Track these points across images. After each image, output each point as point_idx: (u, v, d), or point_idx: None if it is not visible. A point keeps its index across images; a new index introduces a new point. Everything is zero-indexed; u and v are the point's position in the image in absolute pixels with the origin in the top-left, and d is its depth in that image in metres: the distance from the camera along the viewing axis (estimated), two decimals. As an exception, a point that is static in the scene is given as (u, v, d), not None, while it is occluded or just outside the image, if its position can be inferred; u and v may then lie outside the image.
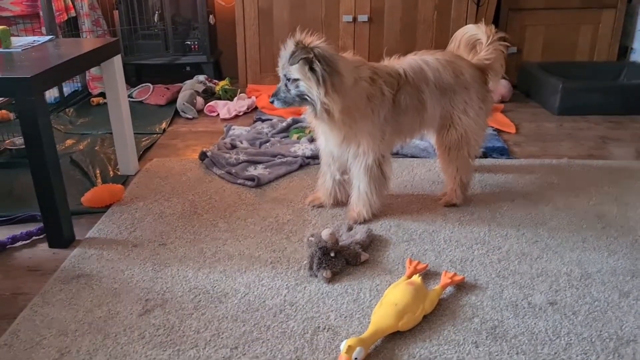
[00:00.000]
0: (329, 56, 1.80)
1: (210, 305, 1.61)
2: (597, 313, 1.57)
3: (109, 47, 2.27)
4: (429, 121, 2.08)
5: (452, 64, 2.06)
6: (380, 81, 1.93)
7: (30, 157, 1.84)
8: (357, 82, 1.87)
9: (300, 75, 1.81)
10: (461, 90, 2.05)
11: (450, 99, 2.05)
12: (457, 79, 2.05)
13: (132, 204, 2.23)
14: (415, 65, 2.03)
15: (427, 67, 2.02)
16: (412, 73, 2.00)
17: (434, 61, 2.04)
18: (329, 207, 2.17)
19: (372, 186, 2.03)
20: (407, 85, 1.99)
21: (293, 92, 1.86)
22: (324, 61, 1.78)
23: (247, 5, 3.65)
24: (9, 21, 3.37)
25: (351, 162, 2.03)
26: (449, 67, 2.04)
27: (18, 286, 1.74)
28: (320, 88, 1.79)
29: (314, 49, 1.79)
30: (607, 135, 2.98)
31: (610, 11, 3.71)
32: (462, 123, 2.07)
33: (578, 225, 2.04)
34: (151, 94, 3.63)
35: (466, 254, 1.87)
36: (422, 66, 2.02)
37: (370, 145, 1.96)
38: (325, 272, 1.71)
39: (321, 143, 2.10)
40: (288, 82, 1.86)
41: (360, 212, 2.06)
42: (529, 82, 3.62)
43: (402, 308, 1.49)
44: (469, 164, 2.17)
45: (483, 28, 2.18)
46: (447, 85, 2.03)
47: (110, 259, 1.85)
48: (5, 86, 1.80)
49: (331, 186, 2.16)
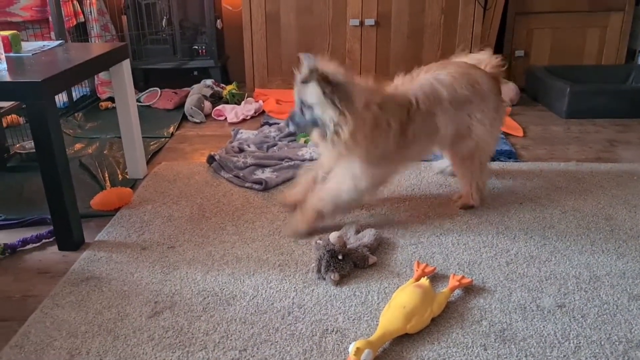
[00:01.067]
0: (344, 83, 1.80)
1: (218, 307, 1.62)
2: (606, 316, 1.57)
3: (117, 52, 2.29)
4: (442, 141, 2.07)
5: (466, 76, 2.03)
6: (387, 113, 1.88)
7: (40, 160, 1.85)
8: (368, 106, 1.84)
9: (315, 99, 1.80)
10: (478, 101, 2.04)
11: (467, 111, 2.03)
12: (473, 89, 2.02)
13: (140, 207, 2.24)
14: (427, 87, 1.98)
15: (440, 87, 1.98)
16: (424, 97, 1.96)
17: (447, 77, 2.00)
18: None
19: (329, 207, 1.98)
20: (418, 113, 1.94)
21: (308, 117, 1.85)
22: (338, 88, 1.78)
23: (254, 9, 3.67)
24: (19, 26, 3.40)
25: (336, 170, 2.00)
26: (463, 79, 2.02)
27: (28, 288, 1.75)
28: (335, 110, 1.79)
29: (328, 75, 1.78)
30: (615, 139, 2.98)
31: (618, 14, 3.70)
32: (478, 133, 2.07)
33: (586, 228, 2.04)
34: (159, 98, 3.65)
35: (474, 256, 1.86)
36: (435, 86, 1.98)
37: (356, 174, 1.93)
38: (333, 274, 1.71)
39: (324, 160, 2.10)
40: (303, 107, 1.85)
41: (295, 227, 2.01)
42: (537, 86, 3.62)
43: (410, 310, 1.49)
44: (485, 168, 2.18)
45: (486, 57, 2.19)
46: (463, 99, 2.01)
47: (120, 262, 1.86)
48: (16, 90, 1.82)
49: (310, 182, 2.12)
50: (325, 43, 3.72)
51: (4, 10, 3.33)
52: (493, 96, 2.08)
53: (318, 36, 3.72)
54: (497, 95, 2.12)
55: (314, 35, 3.72)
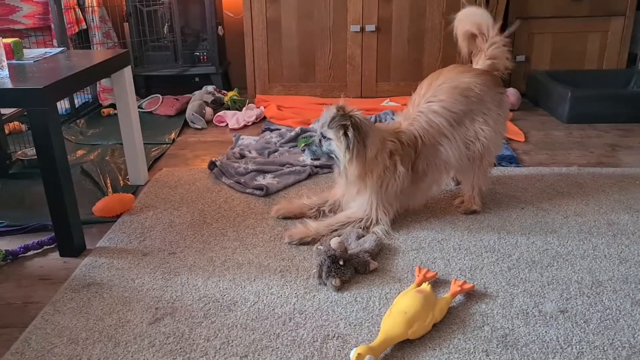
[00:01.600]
0: (363, 127, 1.96)
1: (219, 313, 1.62)
2: (609, 321, 1.56)
3: (119, 59, 2.30)
4: (452, 163, 2.11)
5: (457, 88, 2.06)
6: (396, 157, 2.01)
7: (42, 167, 1.86)
8: (379, 153, 1.99)
9: (334, 137, 1.97)
10: (476, 105, 2.06)
11: (469, 119, 2.07)
12: (467, 100, 2.06)
13: (142, 213, 2.24)
14: (425, 122, 2.06)
15: (436, 117, 2.06)
16: (425, 132, 2.05)
17: (438, 105, 2.06)
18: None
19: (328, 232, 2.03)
20: (424, 149, 2.06)
21: (324, 149, 2.02)
22: (357, 131, 1.95)
23: (255, 16, 3.68)
24: (21, 34, 3.42)
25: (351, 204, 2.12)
26: (454, 95, 2.05)
27: (29, 295, 1.75)
28: (348, 153, 1.96)
29: (352, 117, 1.94)
30: (617, 143, 2.97)
31: (619, 19, 3.70)
32: (484, 134, 2.08)
33: (588, 233, 2.03)
34: (161, 104, 3.66)
35: (476, 262, 1.86)
36: (431, 118, 2.06)
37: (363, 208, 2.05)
38: (334, 280, 1.71)
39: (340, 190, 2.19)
40: (323, 139, 2.01)
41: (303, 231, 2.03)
42: (538, 91, 3.62)
43: (412, 316, 1.48)
44: (488, 172, 2.20)
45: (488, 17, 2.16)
46: (461, 112, 2.06)
47: (121, 268, 1.86)
48: (18, 97, 1.82)
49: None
50: (326, 49, 3.73)
51: (7, 17, 3.35)
52: (491, 93, 2.09)
53: (319, 42, 3.73)
54: (496, 90, 2.12)
55: (314, 41, 3.73)
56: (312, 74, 3.80)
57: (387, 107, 3.49)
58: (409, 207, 2.18)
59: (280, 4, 3.66)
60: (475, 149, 2.10)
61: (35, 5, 3.38)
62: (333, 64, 3.77)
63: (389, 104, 3.61)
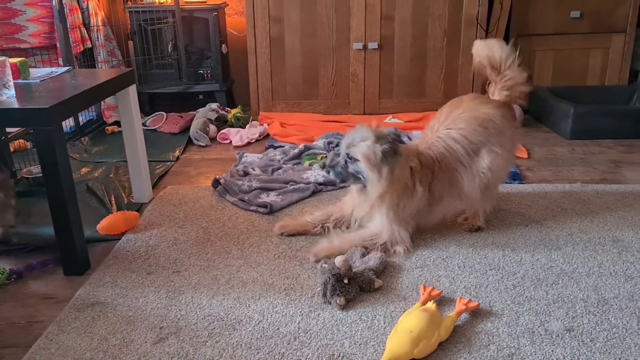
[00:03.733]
0: (400, 151, 1.95)
1: (224, 332, 1.61)
2: (616, 340, 1.55)
3: (124, 77, 2.32)
4: (466, 192, 2.10)
5: (477, 119, 2.07)
6: (417, 176, 2.00)
7: (47, 185, 1.86)
8: (403, 172, 1.98)
9: (366, 159, 1.93)
10: (493, 137, 2.07)
11: (487, 150, 2.07)
12: (486, 130, 2.07)
13: (146, 231, 2.24)
14: (443, 147, 2.06)
15: (454, 144, 2.06)
16: (442, 157, 2.06)
17: (457, 133, 2.06)
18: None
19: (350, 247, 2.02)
20: (441, 172, 2.05)
21: (351, 170, 1.98)
22: (396, 155, 1.94)
23: (258, 34, 3.72)
24: (27, 53, 3.45)
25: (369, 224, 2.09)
26: (474, 125, 2.06)
27: (33, 314, 1.75)
28: (380, 177, 1.93)
29: (395, 144, 1.93)
30: (621, 159, 2.97)
31: (619, 36, 3.73)
32: (497, 163, 2.08)
33: (593, 250, 2.02)
34: (165, 122, 3.68)
35: (480, 280, 1.85)
36: (450, 146, 2.06)
37: (386, 227, 2.02)
38: (339, 299, 1.70)
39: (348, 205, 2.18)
40: (349, 160, 1.97)
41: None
42: (540, 107, 3.63)
43: (418, 335, 1.47)
44: (496, 193, 2.21)
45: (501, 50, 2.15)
46: (479, 143, 2.06)
47: (125, 287, 1.86)
48: (24, 116, 1.84)
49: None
50: (329, 66, 3.75)
51: (13, 37, 3.38)
52: (507, 124, 2.11)
53: (322, 60, 3.75)
54: (512, 122, 2.15)
55: (317, 59, 3.75)
56: (315, 91, 3.82)
57: (390, 124, 3.51)
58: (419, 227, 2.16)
59: (283, 22, 3.70)
60: (486, 178, 2.09)
61: (41, 25, 3.42)
62: (336, 81, 3.79)
63: (392, 120, 3.63)
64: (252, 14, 3.69)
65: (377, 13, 3.64)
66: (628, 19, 3.69)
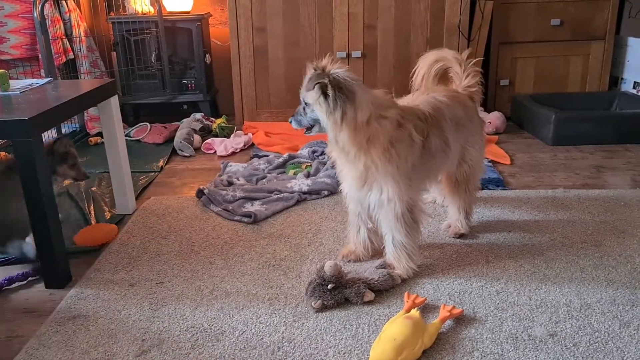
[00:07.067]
0: (346, 85, 1.69)
1: (207, 344, 1.60)
2: (598, 344, 1.56)
3: (105, 88, 2.31)
4: (452, 160, 2.03)
5: (456, 98, 2.05)
6: (409, 126, 1.80)
7: (27, 198, 1.84)
8: (378, 120, 1.73)
9: (312, 100, 1.75)
10: (468, 123, 2.07)
11: (462, 133, 2.04)
12: (465, 111, 2.05)
13: (129, 242, 2.23)
14: (433, 103, 1.94)
15: (442, 105, 1.96)
16: (434, 113, 1.91)
17: (443, 97, 1.99)
18: (367, 259, 2.03)
19: (407, 235, 1.87)
20: (434, 127, 1.89)
21: (308, 116, 1.82)
22: (339, 90, 1.68)
23: (242, 44, 3.72)
24: (9, 64, 3.42)
25: (377, 211, 1.87)
26: (456, 101, 2.03)
27: (13, 329, 1.72)
28: (330, 117, 1.71)
29: (330, 75, 1.69)
30: (602, 165, 3.01)
31: (599, 43, 3.78)
32: (472, 156, 2.10)
33: (575, 255, 2.04)
34: (149, 132, 3.66)
35: (464, 286, 1.86)
36: (438, 105, 1.96)
37: (397, 191, 1.80)
38: (315, 301, 1.70)
39: (345, 188, 1.96)
40: (306, 106, 1.82)
41: (406, 269, 1.89)
42: (522, 114, 3.67)
43: (401, 343, 1.47)
44: (474, 195, 2.21)
45: (451, 54, 2.17)
46: (460, 120, 2.01)
47: (107, 299, 1.84)
48: (3, 128, 1.82)
49: (366, 237, 2.02)
50: (313, 75, 3.76)
51: (-6, 48, 3.35)
52: (477, 117, 2.14)
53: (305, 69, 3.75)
54: (479, 116, 2.19)
55: (301, 68, 3.74)
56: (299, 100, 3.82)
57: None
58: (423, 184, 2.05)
59: (267, 32, 3.71)
60: (463, 170, 2.11)
61: (22, 36, 3.39)
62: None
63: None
64: (235, 24, 3.70)
65: (359, 22, 3.66)
66: (607, 26, 3.75)
